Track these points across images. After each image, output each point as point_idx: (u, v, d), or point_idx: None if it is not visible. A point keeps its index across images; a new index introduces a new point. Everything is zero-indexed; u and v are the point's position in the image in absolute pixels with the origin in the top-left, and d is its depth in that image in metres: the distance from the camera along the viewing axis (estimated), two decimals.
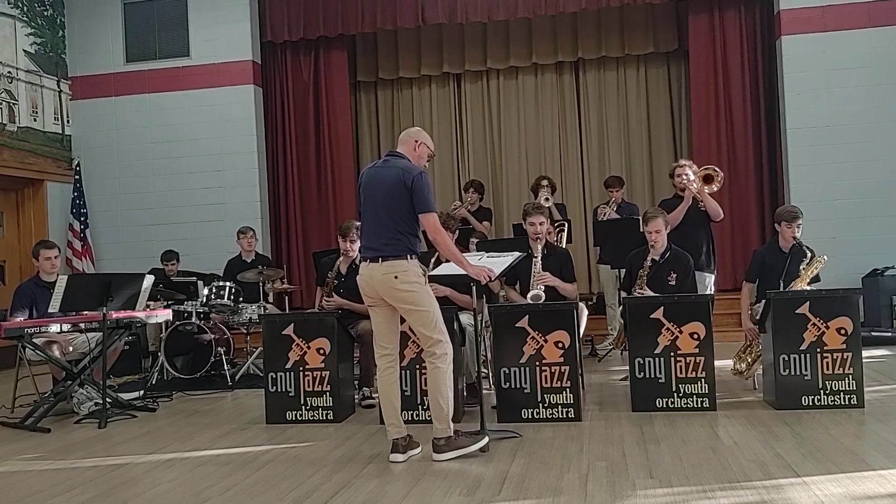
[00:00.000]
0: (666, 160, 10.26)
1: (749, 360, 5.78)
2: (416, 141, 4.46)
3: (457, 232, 6.01)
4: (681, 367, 5.14)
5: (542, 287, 5.60)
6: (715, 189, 6.66)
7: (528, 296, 5.56)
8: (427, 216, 4.26)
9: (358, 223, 6.03)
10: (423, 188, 4.25)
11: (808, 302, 5.10)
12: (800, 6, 9.08)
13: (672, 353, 5.15)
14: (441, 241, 4.33)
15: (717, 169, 6.76)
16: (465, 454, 4.26)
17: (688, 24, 9.83)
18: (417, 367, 5.16)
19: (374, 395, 5.68)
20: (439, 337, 4.31)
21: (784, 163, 9.33)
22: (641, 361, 5.20)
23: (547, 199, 7.86)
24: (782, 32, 9.16)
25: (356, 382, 5.98)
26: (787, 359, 5.07)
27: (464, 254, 5.54)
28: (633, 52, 10.32)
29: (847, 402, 5.01)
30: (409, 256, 4.27)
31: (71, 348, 6.13)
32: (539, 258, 5.71)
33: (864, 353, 5.18)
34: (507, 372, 5.13)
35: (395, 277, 4.24)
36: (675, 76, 10.47)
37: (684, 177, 6.68)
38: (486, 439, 4.36)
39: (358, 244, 6.10)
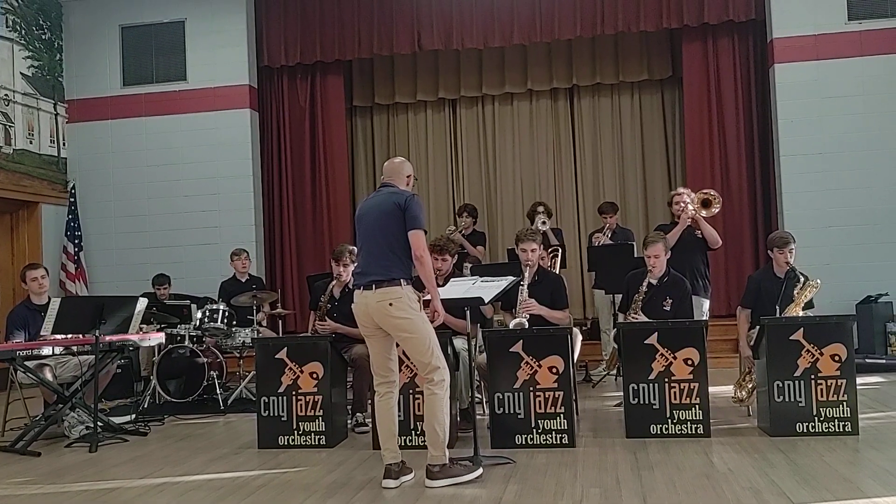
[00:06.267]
0: (660, 186, 10.32)
1: (749, 387, 5.74)
2: (409, 175, 4.57)
3: (455, 256, 6.00)
4: (675, 393, 5.12)
5: (527, 315, 5.52)
6: (714, 212, 6.67)
7: (511, 324, 5.48)
8: (415, 233, 4.28)
9: (351, 247, 6.04)
10: (416, 207, 4.32)
11: (801, 328, 5.10)
12: (793, 35, 9.17)
13: (666, 379, 5.14)
14: (424, 262, 4.29)
15: (715, 193, 6.76)
16: (458, 483, 4.22)
17: (682, 51, 9.91)
18: (411, 392, 5.13)
19: (367, 421, 5.65)
20: (437, 364, 4.30)
21: (778, 189, 9.36)
22: (635, 387, 5.18)
23: (544, 223, 7.85)
24: (775, 60, 9.25)
25: (349, 407, 5.95)
26: (781, 385, 5.06)
27: (459, 278, 5.58)
28: (628, 79, 10.41)
29: (841, 429, 5.00)
30: (402, 282, 4.27)
31: (58, 371, 6.08)
32: (525, 285, 5.62)
33: (858, 380, 5.18)
34: (501, 397, 5.10)
35: (390, 305, 4.23)
36: (670, 103, 10.54)
37: (682, 204, 6.70)
38: (481, 470, 4.33)
39: (351, 268, 6.09)
